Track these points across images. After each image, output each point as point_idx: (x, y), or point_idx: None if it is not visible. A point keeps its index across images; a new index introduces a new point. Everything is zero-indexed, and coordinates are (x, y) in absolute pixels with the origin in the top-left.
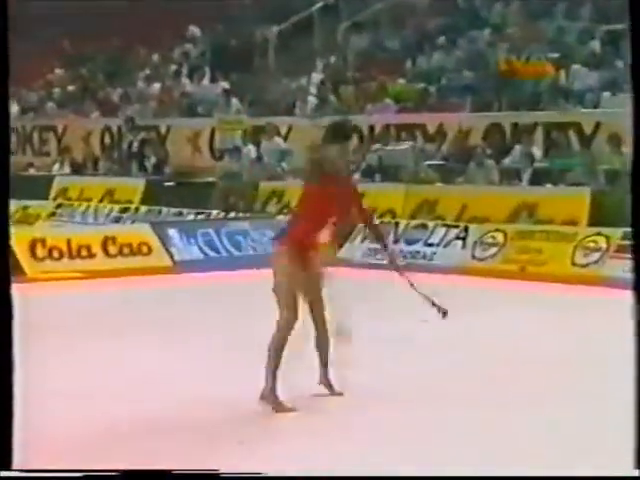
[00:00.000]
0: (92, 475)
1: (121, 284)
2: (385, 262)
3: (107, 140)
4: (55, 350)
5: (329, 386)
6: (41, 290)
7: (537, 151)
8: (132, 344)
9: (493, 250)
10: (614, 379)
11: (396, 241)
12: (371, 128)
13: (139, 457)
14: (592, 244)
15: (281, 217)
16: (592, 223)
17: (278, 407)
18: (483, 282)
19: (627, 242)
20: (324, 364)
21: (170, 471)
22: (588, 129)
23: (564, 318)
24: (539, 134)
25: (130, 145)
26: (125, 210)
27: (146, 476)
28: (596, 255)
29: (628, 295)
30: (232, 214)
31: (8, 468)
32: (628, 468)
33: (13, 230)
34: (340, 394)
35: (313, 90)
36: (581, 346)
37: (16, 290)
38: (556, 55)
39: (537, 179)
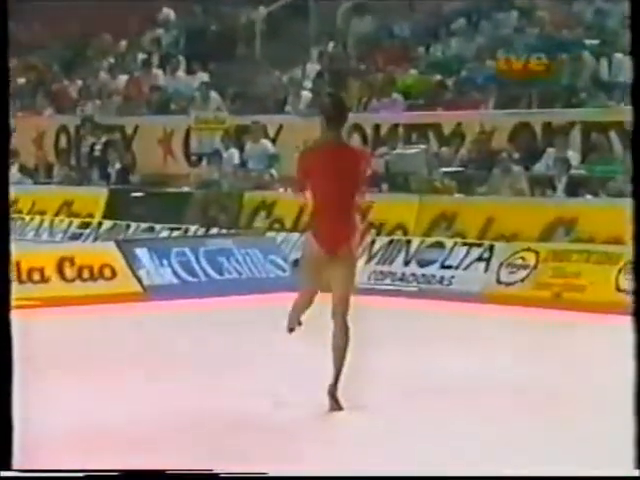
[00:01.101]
0: (92, 475)
1: (79, 314)
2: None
3: (63, 142)
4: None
5: (334, 398)
6: None
7: (574, 155)
8: (94, 380)
9: (523, 273)
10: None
11: (407, 262)
12: (376, 128)
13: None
14: None
15: (271, 233)
16: None
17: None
18: (510, 311)
19: None
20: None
21: (169, 471)
22: None
23: (606, 352)
24: (576, 135)
25: (91, 148)
26: (85, 225)
27: (145, 476)
28: None
29: None
30: (212, 230)
31: (8, 468)
32: (628, 468)
33: None
34: (340, 409)
35: (308, 83)
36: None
37: None
38: (595, 42)
39: (574, 189)
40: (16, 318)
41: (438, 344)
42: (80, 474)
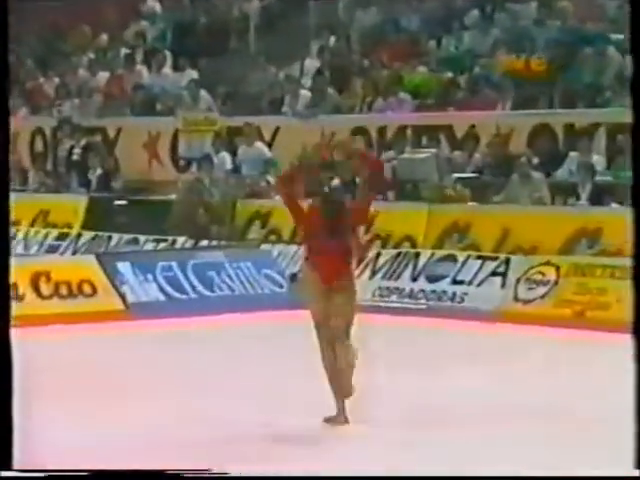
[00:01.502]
0: (92, 475)
1: (56, 333)
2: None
3: (39, 145)
4: None
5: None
6: None
7: (599, 160)
8: (71, 405)
9: (542, 290)
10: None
11: (415, 277)
12: (382, 131)
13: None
14: None
15: (266, 246)
16: None
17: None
18: (529, 331)
19: None
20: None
21: (169, 471)
22: None
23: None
24: (601, 138)
25: (69, 152)
26: (63, 237)
27: (145, 476)
28: None
29: None
30: (202, 242)
31: (8, 468)
32: (628, 468)
33: None
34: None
35: (307, 81)
36: None
37: None
38: (621, 37)
39: (599, 197)
40: None
41: (448, 366)
42: (79, 474)
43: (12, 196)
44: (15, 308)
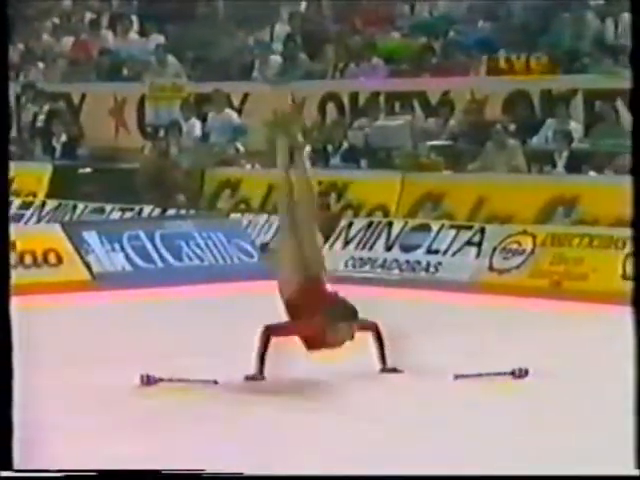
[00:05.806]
0: (92, 476)
1: (20, 304)
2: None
3: None
4: None
5: None
6: None
7: (576, 127)
8: (34, 378)
9: (518, 259)
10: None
11: (389, 247)
12: (354, 97)
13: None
14: None
15: (236, 215)
16: None
17: None
18: (504, 301)
19: None
20: None
21: (165, 471)
22: None
23: (610, 346)
24: (578, 104)
25: (33, 119)
26: (27, 206)
27: (145, 476)
28: None
29: None
30: (170, 211)
31: (8, 468)
32: (628, 468)
33: None
34: None
35: (277, 46)
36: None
37: None
38: (600, 1)
39: (576, 165)
40: None
41: (422, 338)
42: (80, 474)
43: None
44: None
